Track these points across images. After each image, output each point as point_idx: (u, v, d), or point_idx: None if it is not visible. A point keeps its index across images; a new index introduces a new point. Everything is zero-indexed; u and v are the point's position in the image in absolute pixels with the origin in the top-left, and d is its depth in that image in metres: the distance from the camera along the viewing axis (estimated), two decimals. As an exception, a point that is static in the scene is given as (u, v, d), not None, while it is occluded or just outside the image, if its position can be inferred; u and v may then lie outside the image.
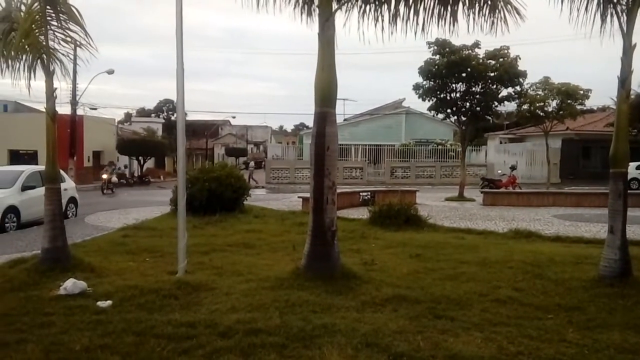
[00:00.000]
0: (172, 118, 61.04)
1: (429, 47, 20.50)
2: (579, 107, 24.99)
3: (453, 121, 23.01)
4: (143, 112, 68.81)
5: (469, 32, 7.43)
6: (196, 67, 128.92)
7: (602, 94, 22.76)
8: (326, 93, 6.93)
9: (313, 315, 5.22)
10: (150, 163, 41.67)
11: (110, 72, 31.67)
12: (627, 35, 6.79)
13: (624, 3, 6.87)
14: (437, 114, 22.92)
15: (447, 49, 20.26)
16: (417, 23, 7.41)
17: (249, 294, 6.01)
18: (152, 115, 66.39)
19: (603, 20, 7.16)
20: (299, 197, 17.50)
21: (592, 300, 5.93)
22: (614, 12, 6.99)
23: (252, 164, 41.07)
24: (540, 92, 24.63)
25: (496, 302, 5.83)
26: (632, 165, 25.04)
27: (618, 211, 6.75)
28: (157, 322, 5.00)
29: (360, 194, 18.54)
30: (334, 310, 5.42)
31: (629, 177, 23.07)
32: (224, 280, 6.81)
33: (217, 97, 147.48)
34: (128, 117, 65.15)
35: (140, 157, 37.92)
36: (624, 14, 6.84)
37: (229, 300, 5.81)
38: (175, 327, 4.87)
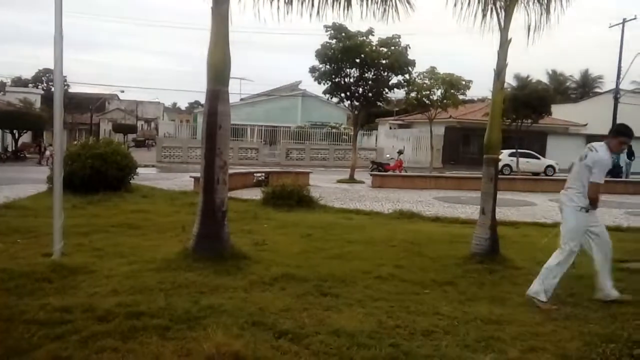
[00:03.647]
0: (52, 89, 56.50)
1: (326, 31, 20.74)
2: (461, 96, 26.69)
3: (346, 105, 23.59)
4: (19, 82, 63.18)
5: (362, 18, 7.66)
6: (82, 35, 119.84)
7: (482, 85, 24.64)
8: (219, 70, 6.75)
9: (200, 296, 5.12)
10: (26, 137, 38.32)
11: (-21, 34, 28.56)
12: (504, 30, 7.31)
13: (502, 0, 7.39)
14: (331, 98, 23.39)
15: (343, 34, 20.63)
16: (312, 5, 7.46)
17: (132, 277, 5.76)
18: (30, 85, 61.13)
19: (484, 15, 7.67)
20: (190, 176, 17.05)
21: (464, 275, 6.40)
22: (493, 8, 7.48)
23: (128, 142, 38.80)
24: (426, 81, 25.95)
25: (379, 279, 6.10)
26: (505, 152, 27.26)
27: (489, 194, 7.30)
28: (28, 307, 4.62)
29: (255, 174, 18.45)
30: (222, 291, 5.36)
31: (502, 163, 25.08)
32: (105, 262, 6.46)
33: (104, 68, 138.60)
34: (2, 86, 59.36)
35: (15, 131, 34.67)
36: (502, 10, 7.36)
37: (109, 283, 5.52)
38: (48, 312, 4.53)
